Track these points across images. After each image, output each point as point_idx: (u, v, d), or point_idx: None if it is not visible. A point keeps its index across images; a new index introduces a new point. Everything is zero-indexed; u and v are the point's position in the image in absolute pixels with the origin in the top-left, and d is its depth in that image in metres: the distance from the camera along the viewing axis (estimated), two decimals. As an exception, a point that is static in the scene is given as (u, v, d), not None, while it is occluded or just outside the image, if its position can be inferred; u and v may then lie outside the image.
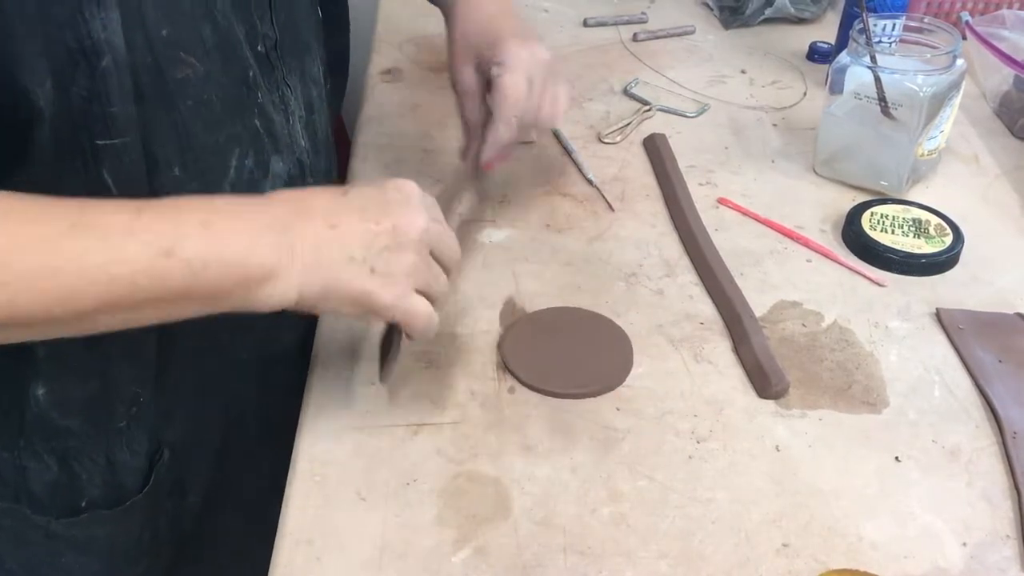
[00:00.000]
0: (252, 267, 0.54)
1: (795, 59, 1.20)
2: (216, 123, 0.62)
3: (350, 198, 0.58)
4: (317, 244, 0.56)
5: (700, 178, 0.96)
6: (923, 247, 0.85)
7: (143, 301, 0.51)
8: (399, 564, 0.58)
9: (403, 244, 0.58)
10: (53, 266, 0.48)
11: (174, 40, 0.57)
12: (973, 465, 0.66)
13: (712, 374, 0.72)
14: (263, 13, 0.65)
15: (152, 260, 0.51)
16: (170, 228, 0.52)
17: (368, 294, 0.57)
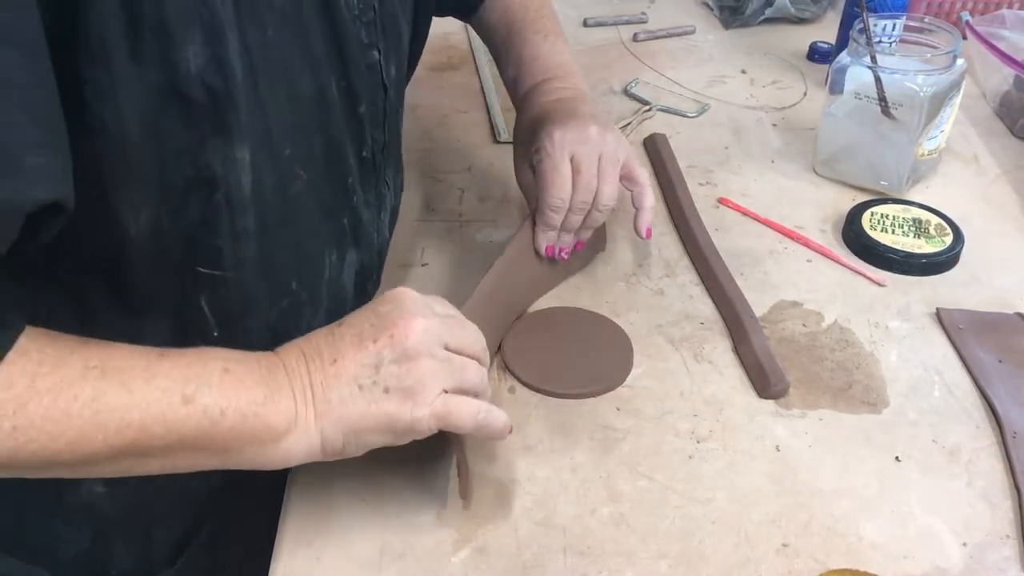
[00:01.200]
0: (270, 416, 0.51)
1: (795, 59, 1.21)
2: (317, 229, 0.62)
3: (344, 328, 0.55)
4: (325, 385, 0.53)
5: (700, 178, 0.96)
6: (923, 247, 0.85)
7: (153, 449, 0.49)
8: (399, 564, 0.58)
9: (408, 351, 0.54)
10: (65, 410, 0.46)
11: (293, 156, 0.56)
12: (973, 465, 0.66)
13: (712, 374, 0.72)
14: (376, 121, 0.64)
15: (168, 407, 0.48)
16: (192, 373, 0.50)
17: (390, 416, 0.53)
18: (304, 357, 0.54)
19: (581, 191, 0.73)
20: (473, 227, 0.88)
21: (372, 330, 0.54)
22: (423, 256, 0.84)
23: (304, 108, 0.56)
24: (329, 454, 0.54)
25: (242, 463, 0.52)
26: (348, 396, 0.53)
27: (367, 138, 0.64)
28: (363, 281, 0.70)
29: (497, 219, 0.89)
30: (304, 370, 0.53)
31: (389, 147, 0.68)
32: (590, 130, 0.73)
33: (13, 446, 0.45)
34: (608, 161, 0.74)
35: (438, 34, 1.25)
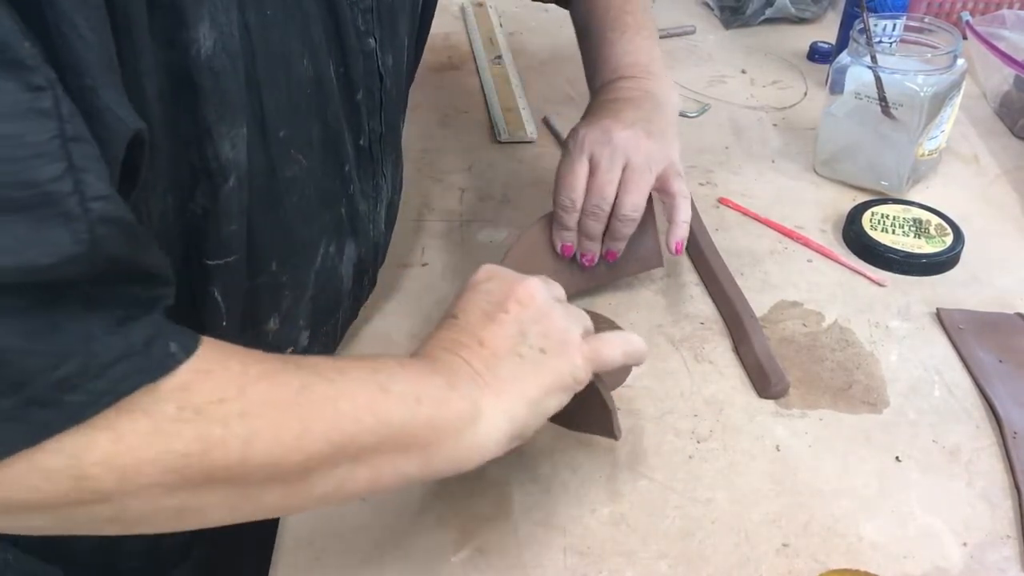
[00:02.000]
0: (457, 402, 0.49)
1: (795, 59, 1.21)
2: (311, 216, 0.61)
3: (463, 317, 0.54)
4: (489, 366, 0.52)
5: (700, 178, 0.96)
6: (923, 247, 0.85)
7: (365, 448, 0.46)
8: (399, 564, 0.58)
9: (540, 309, 0.54)
10: (284, 397, 0.43)
11: (288, 140, 0.56)
12: (973, 465, 0.66)
13: (712, 374, 0.72)
14: (373, 110, 0.64)
15: (371, 397, 0.46)
16: (375, 365, 0.48)
17: (559, 373, 0.53)
18: (449, 350, 0.52)
19: (593, 194, 0.71)
20: (473, 227, 0.88)
21: (495, 306, 0.54)
22: (423, 256, 0.84)
23: (301, 92, 0.56)
24: (517, 435, 0.52)
25: (441, 464, 0.49)
26: (516, 369, 0.52)
27: (364, 127, 0.63)
28: (360, 275, 0.70)
29: (497, 219, 0.89)
30: (460, 360, 0.52)
31: (386, 139, 0.67)
32: (617, 134, 0.71)
33: (245, 436, 0.41)
34: (636, 170, 0.71)
35: (438, 34, 1.25)
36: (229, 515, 0.44)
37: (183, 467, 0.40)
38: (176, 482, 0.40)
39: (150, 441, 0.39)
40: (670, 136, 0.75)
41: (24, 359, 0.35)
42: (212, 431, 0.41)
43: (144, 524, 0.42)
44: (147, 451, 0.39)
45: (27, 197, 0.35)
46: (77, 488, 0.38)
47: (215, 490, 0.42)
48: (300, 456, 0.43)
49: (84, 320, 0.37)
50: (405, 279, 0.82)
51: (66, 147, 0.36)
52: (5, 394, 0.35)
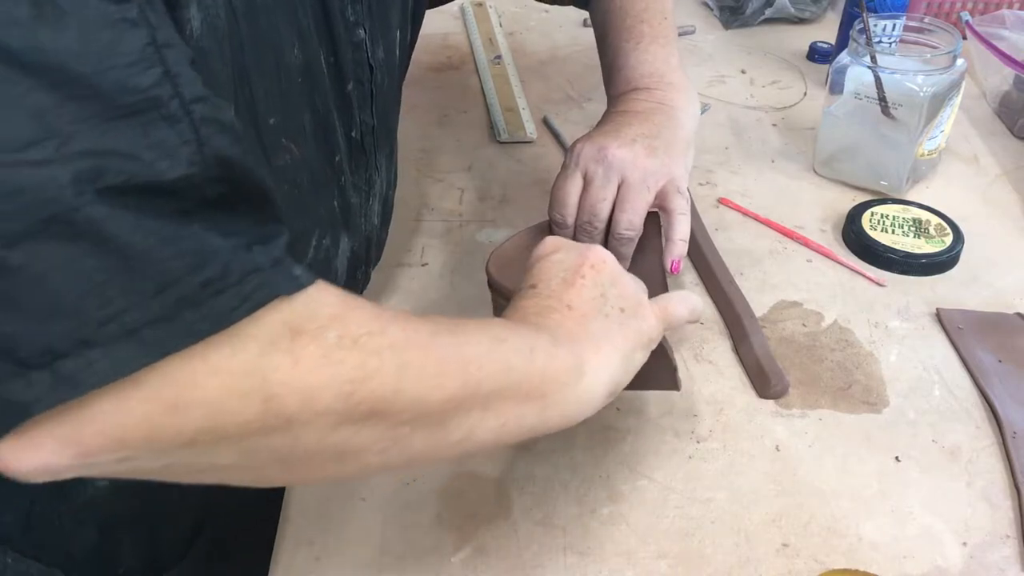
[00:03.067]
0: (564, 356, 0.51)
1: (795, 59, 1.21)
2: (303, 207, 0.61)
3: (542, 285, 0.56)
4: (579, 325, 0.54)
5: (700, 178, 0.96)
6: (923, 247, 0.85)
7: (492, 394, 0.47)
8: (399, 564, 0.58)
9: (613, 272, 0.57)
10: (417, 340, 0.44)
11: (279, 127, 0.56)
12: (973, 465, 0.66)
13: (712, 374, 0.72)
14: (364, 102, 0.64)
15: (491, 345, 0.48)
16: (483, 323, 0.50)
17: (640, 331, 0.56)
18: (541, 315, 0.54)
19: (584, 211, 0.71)
20: (473, 227, 0.88)
21: (570, 273, 0.56)
22: (423, 256, 0.84)
23: (291, 79, 0.55)
24: (613, 389, 0.54)
25: (555, 415, 0.51)
26: (604, 326, 0.54)
27: (356, 119, 0.63)
28: (354, 270, 0.70)
29: (497, 219, 0.89)
30: (553, 322, 0.53)
31: (379, 132, 0.67)
32: (613, 151, 0.70)
33: (398, 365, 0.42)
34: (632, 187, 0.71)
35: (438, 34, 1.25)
36: (381, 459, 0.45)
37: (349, 393, 0.41)
38: (344, 412, 0.41)
39: (322, 365, 0.40)
40: (677, 151, 0.73)
41: (167, 261, 0.36)
42: (370, 361, 0.41)
43: (308, 465, 0.43)
44: (321, 374, 0.40)
45: (135, 103, 0.36)
46: (265, 411, 0.38)
47: (373, 426, 0.43)
48: (441, 394, 0.44)
49: (216, 239, 0.37)
50: (404, 279, 0.82)
51: (160, 53, 0.37)
52: (155, 295, 0.35)
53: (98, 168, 0.34)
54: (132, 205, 0.35)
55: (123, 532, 0.67)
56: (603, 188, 0.71)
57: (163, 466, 0.39)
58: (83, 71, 0.35)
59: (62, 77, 0.34)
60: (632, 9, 0.79)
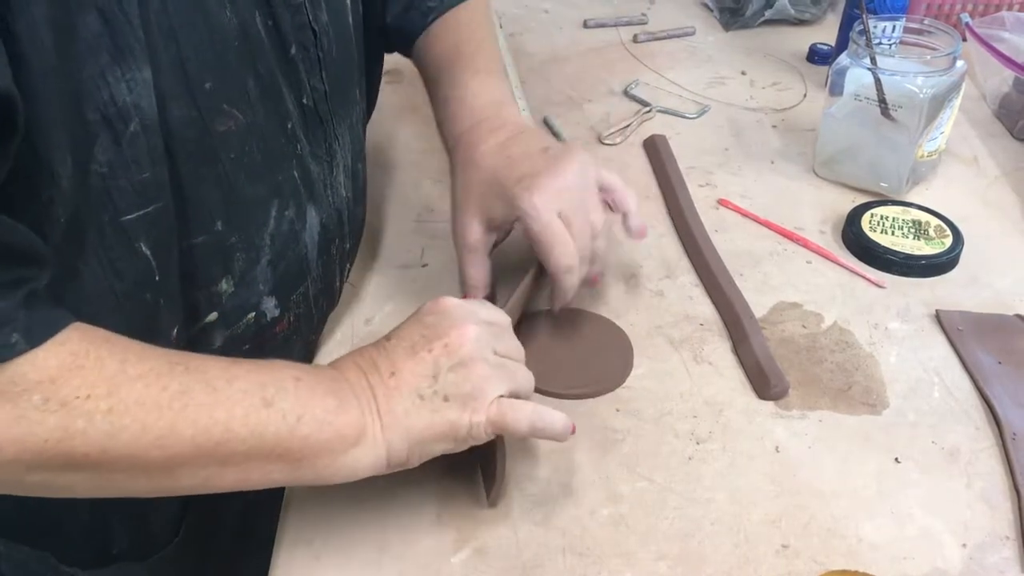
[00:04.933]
0: (341, 426, 0.53)
1: (795, 61, 1.21)
2: (257, 175, 0.60)
3: (395, 342, 0.57)
4: (387, 397, 0.55)
5: (700, 179, 0.96)
6: (923, 248, 0.85)
7: (235, 455, 0.50)
8: (399, 564, 0.58)
9: (464, 358, 0.56)
10: (156, 400, 0.47)
11: (218, 92, 0.55)
12: (972, 466, 0.66)
13: (712, 375, 0.72)
14: (311, 67, 0.63)
15: (251, 408, 0.50)
16: (267, 378, 0.52)
17: (452, 424, 0.55)
18: (362, 371, 0.56)
19: (580, 238, 0.70)
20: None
21: (424, 340, 0.57)
22: (423, 256, 0.84)
23: (226, 43, 0.55)
24: (393, 465, 0.55)
25: (311, 477, 0.53)
26: (411, 407, 0.55)
27: (305, 85, 0.63)
28: (327, 244, 0.69)
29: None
30: (365, 383, 0.55)
31: (333, 99, 0.67)
32: (563, 179, 0.69)
33: (108, 431, 0.46)
34: (588, 192, 0.72)
35: (438, 35, 1.25)
36: (96, 492, 0.49)
37: (42, 451, 0.45)
38: (36, 462, 0.45)
39: (12, 425, 0.44)
40: (558, 144, 0.75)
41: None
42: (75, 423, 0.45)
43: (13, 490, 0.48)
44: (8, 432, 0.44)
45: None
46: None
47: (76, 472, 0.47)
48: (161, 454, 0.48)
49: None
50: (405, 280, 0.82)
51: None
52: None
53: None
54: None
55: (113, 512, 0.67)
56: (579, 212, 0.70)
57: None
58: None
59: None
60: (466, 48, 0.81)
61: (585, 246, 0.70)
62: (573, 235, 0.69)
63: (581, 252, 0.70)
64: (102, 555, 0.68)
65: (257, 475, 0.52)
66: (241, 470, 0.51)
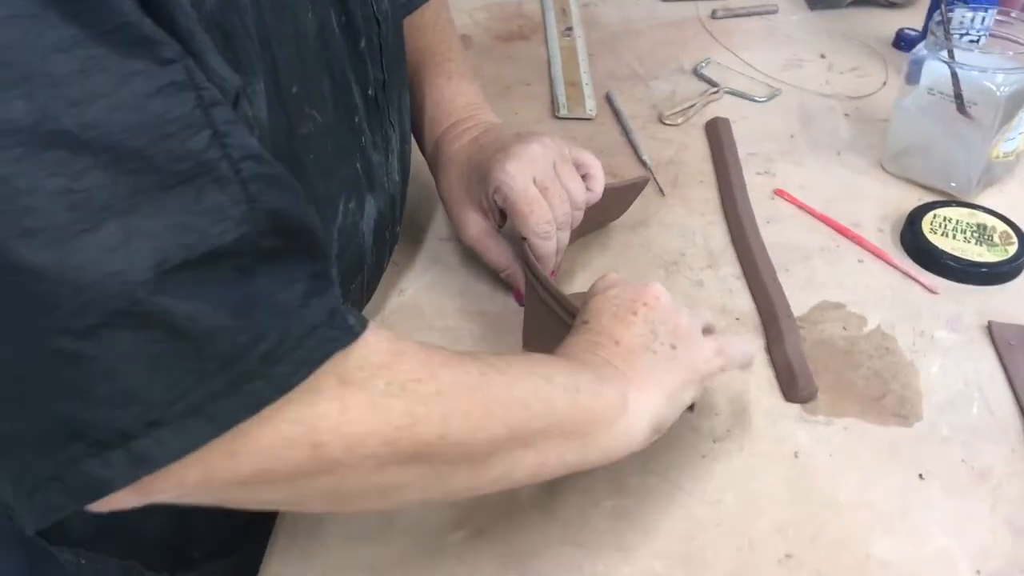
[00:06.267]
0: (609, 393, 0.53)
1: (880, 46, 1.16)
2: (329, 172, 0.61)
3: (593, 321, 0.59)
4: (626, 361, 0.56)
5: (759, 167, 0.93)
6: (984, 255, 0.81)
7: (534, 434, 0.49)
8: (398, 538, 0.59)
9: (665, 310, 0.59)
10: (468, 383, 0.47)
11: (302, 96, 0.56)
12: (1001, 489, 0.63)
13: (740, 372, 0.71)
14: (375, 57, 0.64)
15: (538, 385, 0.50)
16: (532, 360, 0.53)
17: (692, 366, 0.58)
18: (589, 350, 0.57)
19: (558, 205, 0.70)
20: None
21: (623, 309, 0.59)
22: (465, 230, 0.84)
23: (308, 44, 0.56)
24: (658, 426, 0.56)
25: (596, 454, 0.53)
26: (652, 363, 0.56)
27: (370, 76, 0.64)
28: (381, 230, 0.70)
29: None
30: (600, 358, 0.56)
31: (390, 86, 0.67)
32: (533, 148, 0.70)
33: (443, 413, 0.45)
34: (562, 163, 0.72)
35: (511, 2, 1.24)
36: (421, 495, 0.48)
37: (396, 439, 0.43)
38: (389, 456, 0.43)
39: (370, 412, 0.43)
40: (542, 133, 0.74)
41: (233, 336, 0.38)
42: (417, 408, 0.44)
43: (352, 501, 0.47)
44: (368, 422, 0.42)
45: (187, 170, 0.37)
46: (313, 456, 0.41)
47: (417, 467, 0.45)
48: (485, 436, 0.47)
49: (276, 296, 0.39)
50: (444, 252, 0.82)
51: (207, 114, 0.38)
52: (219, 371, 0.38)
53: (161, 250, 0.36)
54: (194, 278, 0.37)
55: (195, 515, 0.67)
56: (556, 179, 0.71)
57: (217, 499, 0.42)
58: (137, 145, 0.36)
59: (117, 154, 0.35)
60: (437, 49, 0.81)
61: (563, 212, 0.71)
62: (549, 201, 0.69)
63: (558, 219, 0.70)
64: (185, 558, 0.70)
65: (553, 457, 0.51)
66: (539, 452, 0.50)
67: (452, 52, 0.82)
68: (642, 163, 0.93)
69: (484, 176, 0.71)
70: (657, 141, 0.97)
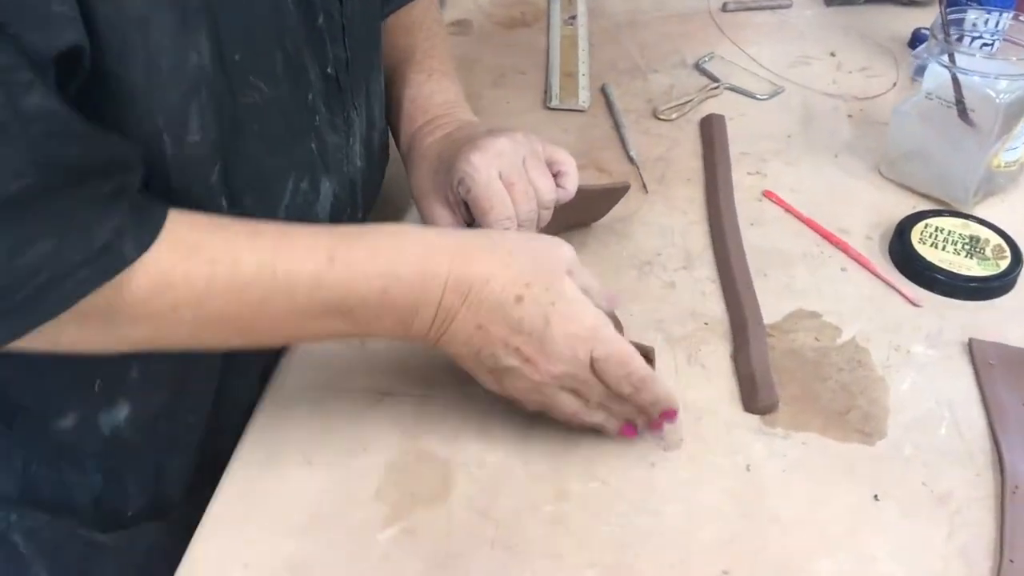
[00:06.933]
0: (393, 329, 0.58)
1: (894, 45, 1.12)
2: (277, 148, 0.61)
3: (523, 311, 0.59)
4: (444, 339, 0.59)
5: (751, 167, 0.91)
6: (973, 268, 0.78)
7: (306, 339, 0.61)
8: (323, 534, 0.58)
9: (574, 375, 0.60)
10: (237, 312, 0.53)
11: (246, 65, 0.56)
12: (960, 515, 0.61)
13: (700, 379, 0.69)
14: (335, 35, 0.63)
15: (326, 322, 0.56)
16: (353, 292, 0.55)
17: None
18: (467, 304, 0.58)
19: (523, 202, 0.68)
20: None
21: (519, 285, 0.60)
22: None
23: (258, 15, 0.55)
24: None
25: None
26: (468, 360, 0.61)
27: (329, 54, 0.63)
28: (338, 214, 0.69)
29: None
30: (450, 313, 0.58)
31: (354, 66, 0.66)
32: (502, 142, 0.68)
33: (191, 332, 0.53)
34: (532, 159, 0.70)
35: (517, -13, 1.22)
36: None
37: (133, 346, 0.53)
38: (126, 351, 0.54)
39: (107, 334, 0.51)
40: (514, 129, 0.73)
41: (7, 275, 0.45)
42: (163, 328, 0.52)
43: None
44: (105, 340, 0.52)
45: None
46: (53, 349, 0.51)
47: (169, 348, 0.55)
48: (241, 341, 0.56)
49: (54, 231, 0.45)
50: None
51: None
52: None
53: None
54: None
55: (128, 473, 0.68)
56: (523, 174, 0.69)
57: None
58: None
59: None
60: (420, 46, 0.81)
61: (527, 210, 0.69)
62: (513, 197, 0.68)
63: (522, 216, 0.68)
64: (118, 517, 0.70)
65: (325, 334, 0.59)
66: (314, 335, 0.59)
67: (435, 50, 0.81)
68: (629, 159, 0.90)
69: (448, 170, 0.69)
70: (649, 136, 0.94)
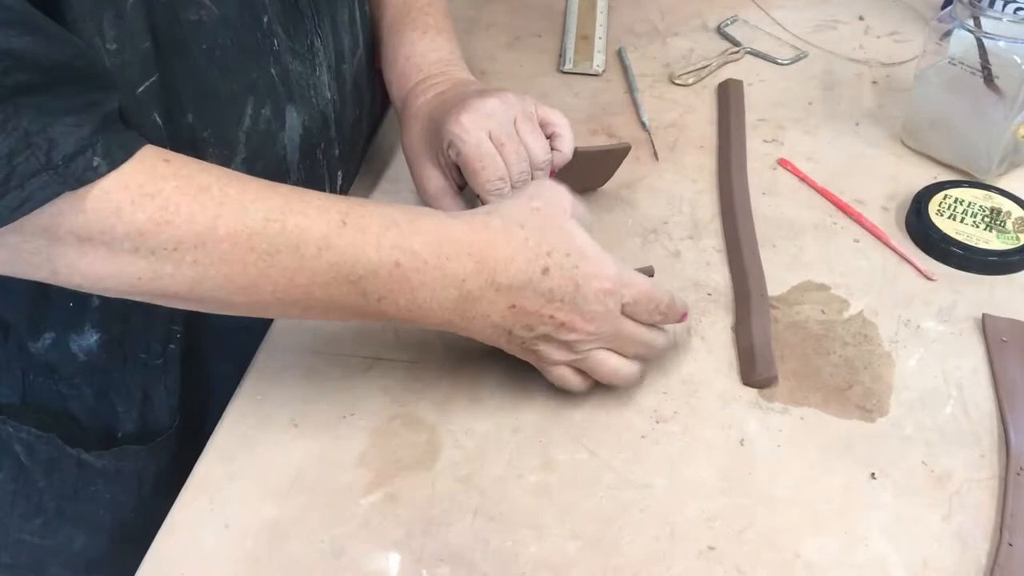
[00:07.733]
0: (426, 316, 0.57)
1: (928, 9, 1.08)
2: (231, 70, 0.60)
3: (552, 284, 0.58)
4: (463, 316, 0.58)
5: (768, 134, 0.88)
6: (991, 242, 0.75)
7: (315, 308, 0.55)
8: (306, 498, 0.58)
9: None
10: (242, 259, 0.51)
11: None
12: (960, 497, 0.59)
13: (700, 351, 0.67)
14: None
15: (336, 287, 0.53)
16: (363, 259, 0.53)
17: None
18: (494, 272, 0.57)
19: (514, 163, 0.67)
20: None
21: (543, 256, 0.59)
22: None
23: None
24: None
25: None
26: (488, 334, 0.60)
27: None
28: (310, 148, 0.68)
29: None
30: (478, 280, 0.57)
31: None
32: (491, 103, 0.67)
33: (193, 276, 0.50)
34: (524, 120, 0.69)
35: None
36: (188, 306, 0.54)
37: (135, 285, 0.50)
38: (131, 292, 0.51)
39: (109, 263, 0.49)
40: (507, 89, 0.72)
41: None
42: (164, 268, 0.50)
43: None
44: (106, 268, 0.49)
45: None
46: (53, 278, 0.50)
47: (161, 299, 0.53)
48: (245, 300, 0.53)
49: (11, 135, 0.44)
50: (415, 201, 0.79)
51: None
52: None
53: None
54: None
55: (115, 395, 0.69)
56: (513, 135, 0.68)
57: None
58: None
59: None
60: (416, 3, 0.79)
61: (519, 171, 0.68)
62: (505, 158, 0.67)
63: (514, 176, 0.67)
64: (107, 438, 0.71)
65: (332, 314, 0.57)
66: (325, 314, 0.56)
67: (432, 7, 0.80)
68: (641, 124, 0.88)
69: (438, 131, 0.69)
70: (664, 102, 0.92)
